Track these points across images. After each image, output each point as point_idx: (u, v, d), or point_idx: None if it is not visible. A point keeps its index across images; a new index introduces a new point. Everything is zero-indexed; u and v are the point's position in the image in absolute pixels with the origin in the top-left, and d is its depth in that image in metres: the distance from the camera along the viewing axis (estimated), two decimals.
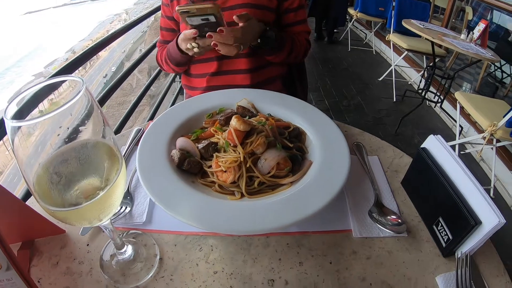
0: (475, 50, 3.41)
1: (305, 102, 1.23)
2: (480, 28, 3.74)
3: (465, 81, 5.36)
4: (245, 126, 0.93)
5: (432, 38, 3.65)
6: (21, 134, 0.47)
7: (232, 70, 1.52)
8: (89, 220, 0.60)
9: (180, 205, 0.81)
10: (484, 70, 4.91)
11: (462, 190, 0.81)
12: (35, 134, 0.49)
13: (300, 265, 0.81)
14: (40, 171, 0.52)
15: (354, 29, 8.04)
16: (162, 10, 1.59)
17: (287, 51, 1.47)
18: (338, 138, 1.03)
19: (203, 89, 1.58)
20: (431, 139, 0.95)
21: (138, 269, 0.78)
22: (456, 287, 0.76)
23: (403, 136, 4.14)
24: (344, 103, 4.93)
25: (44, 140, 0.51)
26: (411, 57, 5.92)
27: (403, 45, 4.72)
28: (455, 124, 3.96)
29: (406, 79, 5.75)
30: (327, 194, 0.84)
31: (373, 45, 7.17)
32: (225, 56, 1.43)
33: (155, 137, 1.02)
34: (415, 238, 0.89)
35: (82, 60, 1.84)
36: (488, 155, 3.59)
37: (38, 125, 0.47)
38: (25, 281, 0.64)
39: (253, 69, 1.53)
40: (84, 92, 0.50)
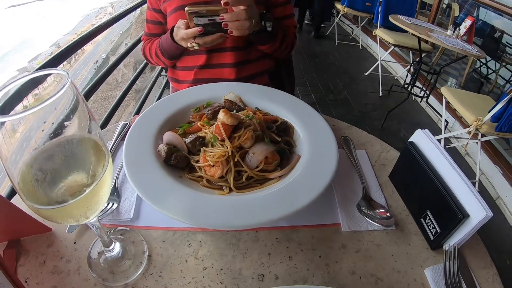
0: (461, 46, 3.44)
1: (292, 95, 1.23)
2: (466, 25, 3.78)
3: (450, 77, 5.41)
4: (232, 120, 0.92)
5: (419, 33, 3.68)
6: (4, 130, 0.46)
7: (220, 63, 1.52)
8: (75, 218, 0.58)
9: (168, 201, 0.80)
10: (469, 66, 4.97)
11: (450, 184, 0.82)
12: (19, 130, 0.48)
13: (289, 259, 0.81)
14: (25, 168, 0.51)
15: (341, 24, 8.07)
16: (148, 2, 1.57)
17: (279, 39, 1.48)
18: (326, 132, 1.03)
19: (190, 82, 1.57)
20: (418, 133, 0.95)
21: (127, 266, 0.77)
22: (444, 280, 0.76)
23: (389, 131, 4.17)
24: (330, 97, 4.94)
25: (28, 136, 0.49)
26: (397, 52, 5.97)
27: (389, 40, 4.74)
28: (440, 119, 4.01)
29: (392, 74, 5.80)
30: (316, 188, 0.84)
31: (360, 40, 7.21)
32: (214, 50, 1.45)
33: (141, 131, 1.00)
34: (403, 231, 0.89)
35: (66, 54, 1.81)
36: (473, 149, 3.64)
37: (22, 120, 0.46)
38: (11, 281, 0.62)
39: (241, 62, 1.53)
40: (69, 85, 0.48)
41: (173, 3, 1.44)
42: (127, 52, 2.92)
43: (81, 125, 0.54)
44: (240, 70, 1.53)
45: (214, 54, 1.50)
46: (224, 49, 1.49)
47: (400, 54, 6.01)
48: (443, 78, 5.17)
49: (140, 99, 3.45)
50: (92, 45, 20.69)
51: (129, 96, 7.68)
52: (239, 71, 1.53)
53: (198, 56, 1.52)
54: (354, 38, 7.48)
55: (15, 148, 0.49)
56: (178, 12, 1.43)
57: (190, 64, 1.55)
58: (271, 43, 1.46)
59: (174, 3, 1.44)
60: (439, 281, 0.77)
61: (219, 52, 1.49)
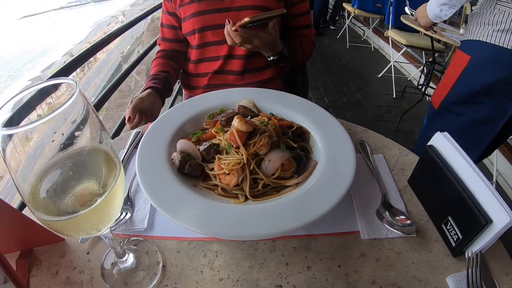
0: None
1: (307, 100, 1.21)
2: None
3: None
4: (247, 127, 0.91)
5: (432, 33, 3.63)
6: (12, 143, 0.44)
7: (234, 70, 1.52)
8: (86, 230, 0.57)
9: (182, 210, 0.79)
10: None
11: (472, 188, 0.79)
12: (28, 142, 0.46)
13: (308, 269, 0.79)
14: (34, 181, 0.50)
15: (352, 26, 8.05)
16: (163, 6, 1.58)
17: (297, 61, 1.53)
18: (343, 136, 1.01)
19: (203, 88, 1.58)
20: (437, 136, 0.92)
21: (141, 277, 0.76)
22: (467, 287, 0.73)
23: (404, 133, 4.12)
24: (343, 100, 4.91)
25: (38, 148, 0.48)
26: (410, 53, 5.91)
27: (401, 41, 4.69)
28: None
29: (405, 75, 5.74)
30: (334, 195, 0.82)
31: (372, 42, 7.16)
32: (229, 56, 1.47)
33: (154, 139, 0.99)
34: (424, 238, 0.86)
35: (79, 62, 1.82)
36: None
37: (31, 132, 0.45)
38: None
39: (255, 69, 1.54)
40: (78, 95, 0.47)
41: (189, 8, 1.44)
42: (139, 59, 2.93)
43: (92, 135, 0.53)
44: (252, 76, 1.54)
45: (228, 61, 1.51)
46: (237, 56, 1.49)
47: (412, 55, 5.96)
48: None
49: None
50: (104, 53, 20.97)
51: None
52: (251, 77, 1.53)
53: (212, 63, 1.52)
54: (365, 40, 7.45)
55: (24, 160, 0.48)
56: (194, 18, 1.44)
57: (204, 70, 1.56)
58: (288, 64, 1.51)
59: (191, 9, 1.44)
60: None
61: (233, 59, 1.50)
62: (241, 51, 1.48)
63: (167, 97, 1.52)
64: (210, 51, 1.51)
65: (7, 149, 0.45)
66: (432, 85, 4.38)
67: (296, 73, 1.79)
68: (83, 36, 31.08)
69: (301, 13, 1.55)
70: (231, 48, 1.48)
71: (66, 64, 1.74)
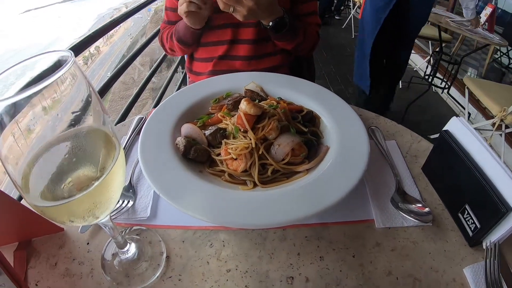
0: (482, 35, 3.36)
1: (316, 84, 1.17)
2: (487, 12, 3.72)
3: (470, 67, 5.33)
4: (256, 110, 0.87)
5: (439, 22, 3.59)
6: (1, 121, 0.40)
7: (239, 56, 1.49)
8: (83, 217, 0.53)
9: (187, 198, 0.76)
10: (490, 56, 4.87)
11: (490, 175, 0.75)
12: (20, 122, 0.42)
13: (321, 259, 0.76)
14: (27, 165, 0.46)
15: (357, 16, 7.98)
16: None
17: (297, 41, 1.45)
18: (355, 121, 0.98)
19: (208, 74, 1.55)
20: (454, 121, 0.89)
21: (143, 269, 0.73)
22: (485, 279, 0.71)
23: (410, 123, 4.03)
24: (349, 90, 4.89)
25: (30, 128, 0.44)
26: (416, 43, 5.87)
27: None
28: (462, 111, 3.93)
29: (411, 66, 5.70)
30: (348, 181, 0.79)
31: None
32: (235, 41, 1.44)
33: (158, 124, 0.96)
34: (439, 227, 0.83)
35: (81, 47, 1.80)
36: (496, 142, 3.55)
37: (22, 109, 0.40)
38: (18, 286, 0.59)
39: (261, 55, 1.51)
40: (73, 66, 0.43)
41: None
42: (142, 48, 2.89)
43: (89, 113, 0.49)
44: (258, 62, 1.51)
45: (233, 46, 1.48)
46: (242, 41, 1.47)
47: (419, 45, 5.92)
48: (463, 69, 5.08)
49: (157, 96, 3.43)
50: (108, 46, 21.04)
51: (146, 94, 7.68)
52: (257, 63, 1.51)
53: (217, 47, 1.50)
54: None
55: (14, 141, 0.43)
56: None
57: (209, 55, 1.53)
58: (289, 40, 1.43)
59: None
60: (479, 281, 0.71)
61: (238, 44, 1.47)
62: (246, 35, 1.45)
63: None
64: (213, 35, 1.48)
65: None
66: (439, 75, 4.35)
67: (302, 62, 1.76)
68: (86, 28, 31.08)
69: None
70: (235, 32, 1.45)
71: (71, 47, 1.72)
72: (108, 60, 20.97)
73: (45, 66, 0.46)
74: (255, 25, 1.43)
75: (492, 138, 3.34)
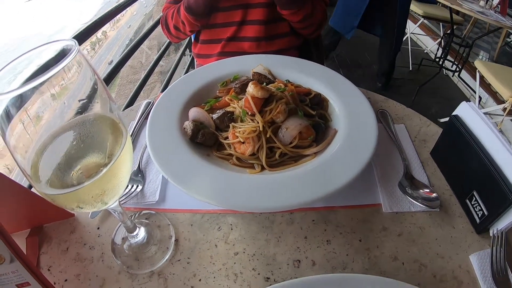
0: (495, 17, 3.31)
1: (324, 66, 1.16)
2: None
3: (482, 50, 5.26)
4: (263, 93, 0.87)
5: (450, 4, 3.54)
6: (6, 112, 0.41)
7: (248, 37, 1.47)
8: (92, 203, 0.53)
9: (195, 182, 0.76)
10: (502, 39, 4.80)
11: (499, 162, 0.74)
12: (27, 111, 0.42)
13: (327, 243, 0.76)
14: (36, 154, 0.46)
15: None
16: None
17: (305, 12, 1.39)
18: (363, 104, 0.97)
19: (217, 56, 1.53)
20: (463, 106, 0.87)
21: (152, 252, 0.74)
22: (490, 267, 0.71)
23: (420, 106, 4.04)
24: (358, 72, 4.85)
25: (38, 117, 0.45)
26: (427, 25, 5.79)
27: (418, 11, 4.59)
28: (473, 94, 3.89)
29: (422, 48, 5.63)
30: (356, 165, 0.78)
31: None
32: (244, 22, 1.42)
33: (166, 108, 0.96)
34: (447, 213, 0.83)
35: (88, 33, 1.80)
36: (507, 127, 3.51)
37: (29, 99, 0.41)
38: (31, 272, 0.60)
39: (269, 37, 1.48)
40: (78, 55, 0.43)
41: None
42: (148, 32, 2.88)
43: (96, 101, 0.49)
44: (267, 44, 1.48)
45: (242, 27, 1.46)
46: (251, 22, 1.44)
47: (429, 27, 5.83)
48: (474, 52, 4.99)
49: (165, 80, 3.42)
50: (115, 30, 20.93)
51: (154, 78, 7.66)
52: (266, 45, 1.48)
53: (226, 29, 1.47)
54: None
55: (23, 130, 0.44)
56: None
57: (218, 37, 1.51)
58: (296, 8, 1.37)
59: None
60: (485, 268, 0.71)
61: (247, 25, 1.45)
62: (256, 16, 1.42)
63: None
64: (222, 16, 1.45)
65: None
66: (450, 58, 4.29)
67: (310, 44, 1.73)
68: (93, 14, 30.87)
69: None
70: (245, 13, 1.43)
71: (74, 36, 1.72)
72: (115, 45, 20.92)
73: (51, 55, 0.47)
74: (265, 5, 1.40)
75: (503, 123, 3.29)
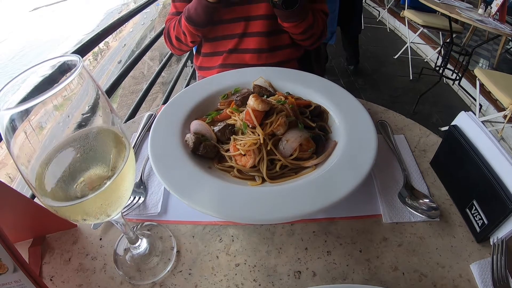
0: (493, 25, 3.32)
1: (324, 78, 1.17)
2: (498, 2, 3.66)
3: (482, 58, 5.27)
4: (264, 106, 0.88)
5: (449, 13, 3.56)
6: (11, 124, 0.42)
7: (249, 49, 1.48)
8: (95, 215, 0.54)
9: (197, 193, 0.77)
10: (501, 47, 4.81)
11: (499, 171, 0.75)
12: (31, 124, 0.43)
13: (328, 254, 0.76)
14: (40, 166, 0.47)
15: (367, 7, 7.92)
16: None
17: (307, 24, 1.39)
18: (363, 116, 0.98)
19: (218, 68, 1.54)
20: (462, 115, 0.88)
21: (154, 263, 0.74)
22: (491, 276, 0.71)
23: (421, 115, 4.06)
24: (359, 82, 4.86)
25: (42, 130, 0.46)
26: (426, 34, 5.82)
27: (418, 21, 4.61)
28: (473, 102, 3.90)
29: (422, 57, 5.66)
30: (355, 176, 0.79)
31: (387, 23, 7.05)
32: (244, 34, 1.43)
33: (167, 121, 0.97)
34: (447, 223, 0.83)
35: (90, 46, 1.80)
36: (508, 134, 3.51)
37: (34, 113, 0.42)
38: (34, 282, 0.61)
39: (270, 49, 1.49)
40: (82, 70, 0.44)
41: None
42: (151, 44, 2.90)
43: (98, 114, 0.51)
44: (268, 56, 1.49)
45: (243, 39, 1.47)
46: (252, 34, 1.45)
47: (429, 36, 5.86)
48: (474, 60, 5.02)
49: (167, 90, 3.44)
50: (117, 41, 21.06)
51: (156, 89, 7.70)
52: (267, 57, 1.49)
53: (227, 41, 1.48)
54: (381, 21, 7.33)
55: (28, 143, 0.45)
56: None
57: (219, 49, 1.52)
58: (298, 21, 1.36)
59: None
60: (486, 277, 0.72)
61: (248, 37, 1.45)
62: (256, 28, 1.43)
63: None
64: (224, 29, 1.46)
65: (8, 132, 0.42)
66: (450, 66, 4.30)
67: (311, 55, 1.74)
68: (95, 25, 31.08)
69: None
70: (246, 25, 1.43)
71: (77, 49, 1.73)
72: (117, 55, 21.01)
73: (55, 69, 0.48)
74: (266, 17, 1.41)
75: (504, 130, 3.30)
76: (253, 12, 1.41)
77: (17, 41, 24.29)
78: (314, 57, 1.77)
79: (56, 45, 27.78)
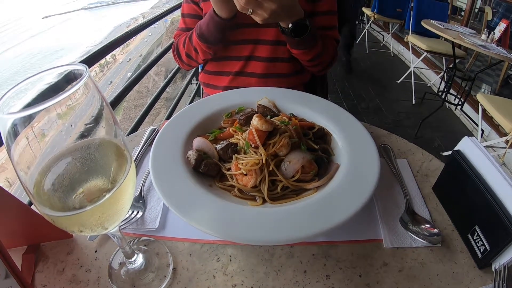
0: (496, 51, 3.34)
1: (328, 101, 1.17)
2: (501, 28, 3.70)
3: (484, 83, 5.29)
4: (267, 126, 0.88)
5: (453, 38, 3.59)
6: (13, 130, 0.42)
7: (256, 73, 1.48)
8: (92, 227, 0.54)
9: (196, 211, 0.76)
10: (504, 72, 4.83)
11: (501, 197, 0.74)
12: (33, 132, 0.43)
13: (327, 278, 0.75)
14: (39, 174, 0.47)
15: (371, 31, 7.99)
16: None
17: (316, 51, 1.38)
18: (366, 139, 0.97)
19: (223, 89, 1.53)
20: (465, 141, 0.88)
21: (149, 279, 0.73)
22: None
23: (423, 140, 4.07)
24: (362, 105, 4.88)
25: (43, 138, 0.46)
26: (430, 59, 5.86)
27: (422, 46, 4.65)
28: (475, 128, 3.90)
29: (425, 81, 5.69)
30: (357, 200, 0.78)
31: (391, 47, 7.11)
32: (250, 57, 1.42)
33: (170, 137, 0.97)
34: (449, 249, 0.82)
35: (97, 57, 1.81)
36: (510, 159, 3.50)
37: (37, 119, 0.42)
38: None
39: (277, 75, 1.49)
40: (88, 80, 0.44)
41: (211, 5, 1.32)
42: (157, 59, 2.92)
43: (101, 126, 0.51)
44: (274, 82, 1.48)
45: (249, 62, 1.47)
46: (258, 58, 1.46)
47: (432, 61, 5.91)
48: (476, 85, 5.04)
49: (171, 106, 3.45)
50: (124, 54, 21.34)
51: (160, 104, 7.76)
52: (273, 83, 1.47)
53: (234, 62, 1.48)
54: (385, 45, 7.40)
55: (29, 151, 0.45)
56: None
57: (226, 69, 1.52)
58: (307, 48, 1.36)
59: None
60: None
61: (253, 60, 1.46)
62: (262, 53, 1.43)
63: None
64: (231, 50, 1.46)
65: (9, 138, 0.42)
66: (453, 91, 4.32)
67: (316, 77, 1.73)
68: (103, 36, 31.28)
69: (324, 11, 1.45)
70: (253, 49, 1.44)
71: (84, 59, 1.74)
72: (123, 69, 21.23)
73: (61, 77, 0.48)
74: (272, 43, 1.42)
75: (506, 156, 3.29)
76: (262, 36, 1.42)
77: (34, 43, 24.71)
78: (319, 79, 1.77)
79: (62, 55, 28.13)
